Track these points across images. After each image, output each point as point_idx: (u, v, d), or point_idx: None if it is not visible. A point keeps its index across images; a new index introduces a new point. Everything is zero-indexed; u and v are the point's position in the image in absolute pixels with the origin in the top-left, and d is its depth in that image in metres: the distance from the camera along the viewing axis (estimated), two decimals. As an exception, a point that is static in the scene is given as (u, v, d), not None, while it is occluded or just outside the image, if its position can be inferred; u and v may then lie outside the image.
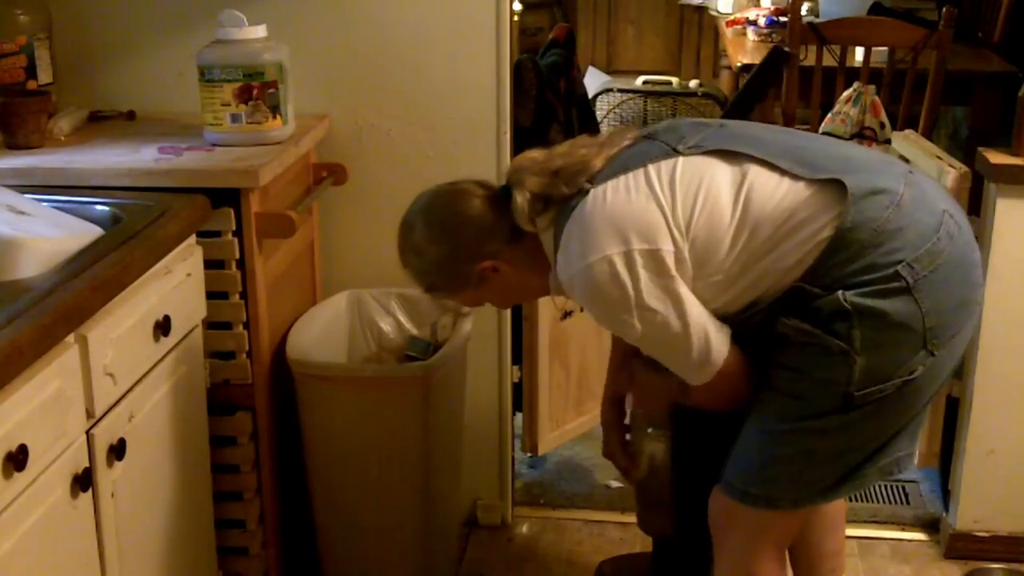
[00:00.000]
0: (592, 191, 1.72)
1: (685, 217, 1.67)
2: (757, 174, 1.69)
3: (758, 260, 1.67)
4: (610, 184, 1.72)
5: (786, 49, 2.30)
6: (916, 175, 1.74)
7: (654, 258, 1.66)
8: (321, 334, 2.36)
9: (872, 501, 2.80)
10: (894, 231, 1.63)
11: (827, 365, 1.65)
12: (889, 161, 1.79)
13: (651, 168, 1.71)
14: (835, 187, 1.65)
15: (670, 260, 1.66)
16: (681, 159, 1.71)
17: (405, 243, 1.89)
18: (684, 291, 1.67)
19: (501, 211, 1.81)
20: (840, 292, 1.63)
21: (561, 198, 1.75)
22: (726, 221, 1.67)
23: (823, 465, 1.71)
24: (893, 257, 1.62)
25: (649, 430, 2.13)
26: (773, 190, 1.67)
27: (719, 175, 1.69)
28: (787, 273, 1.67)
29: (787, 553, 2.12)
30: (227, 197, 2.05)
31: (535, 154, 1.83)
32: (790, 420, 1.70)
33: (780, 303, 1.68)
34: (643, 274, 1.65)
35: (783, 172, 1.68)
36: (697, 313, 1.68)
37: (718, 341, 1.70)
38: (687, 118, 3.77)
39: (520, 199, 1.77)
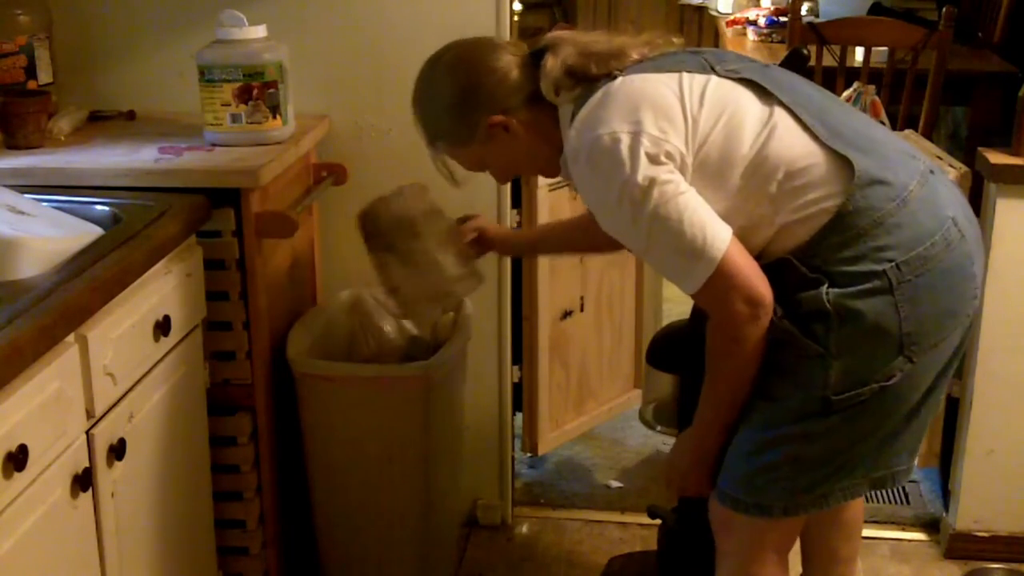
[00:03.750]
0: (620, 77, 1.70)
1: (705, 129, 1.64)
2: (783, 118, 1.66)
3: (757, 204, 1.64)
4: (639, 75, 1.69)
5: (805, 51, 2.29)
6: (936, 176, 1.70)
7: (659, 147, 1.61)
8: (321, 334, 2.36)
9: (872, 501, 2.80)
10: (892, 226, 1.61)
11: (805, 368, 1.64)
12: (911, 155, 1.73)
13: (685, 76, 1.68)
14: (846, 163, 1.62)
15: (676, 157, 1.62)
16: (715, 78, 1.69)
17: (424, 81, 1.83)
18: (680, 178, 1.62)
19: (529, 73, 1.77)
20: (824, 288, 1.60)
21: (589, 77, 1.72)
22: (744, 149, 1.64)
23: (810, 472, 1.70)
24: (884, 255, 1.60)
25: (659, 428, 2.13)
26: (792, 141, 1.64)
27: (747, 104, 1.67)
28: (781, 236, 1.64)
29: (800, 556, 2.12)
30: (227, 197, 2.05)
31: (574, 31, 1.80)
32: (774, 427, 1.68)
33: (767, 273, 1.64)
34: (643, 157, 1.60)
35: (805, 127, 1.65)
36: (693, 200, 1.61)
37: (715, 228, 1.60)
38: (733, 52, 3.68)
39: (552, 63, 1.74)
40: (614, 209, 1.64)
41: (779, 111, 1.66)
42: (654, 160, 1.60)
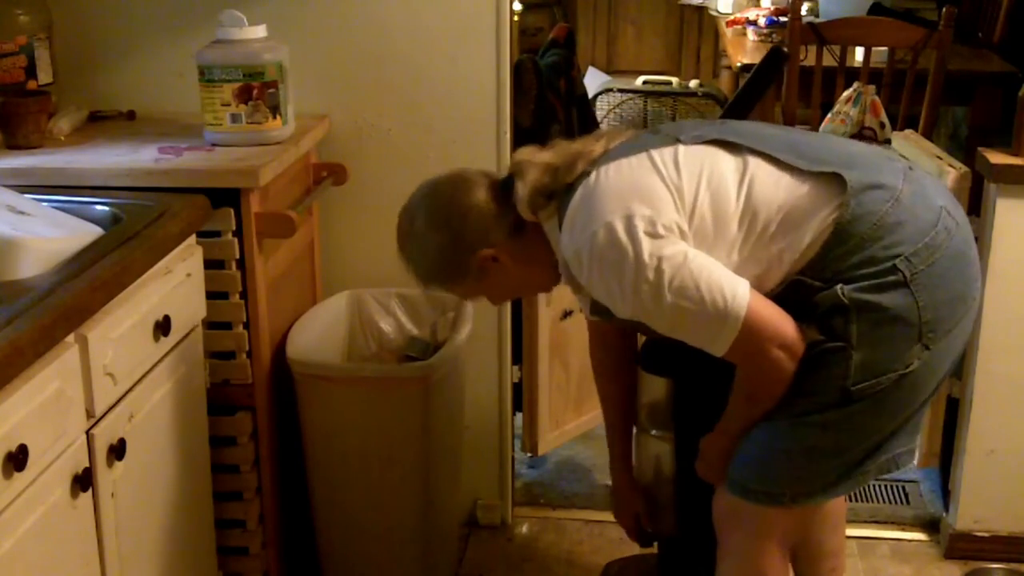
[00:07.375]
0: (594, 171, 1.72)
1: (690, 196, 1.66)
2: (758, 165, 1.69)
3: (763, 248, 1.67)
4: (612, 164, 1.72)
5: (784, 49, 2.29)
6: (915, 171, 1.75)
7: (654, 224, 1.63)
8: (321, 334, 2.36)
9: (872, 501, 2.80)
10: (893, 225, 1.64)
11: (825, 361, 1.66)
12: (888, 157, 1.80)
13: (654, 152, 1.71)
14: (835, 181, 1.66)
15: (673, 228, 1.64)
16: (682, 147, 1.72)
17: (407, 231, 1.86)
18: (684, 246, 1.64)
19: (504, 202, 1.80)
20: (839, 286, 1.63)
21: (562, 188, 1.75)
22: (732, 205, 1.67)
23: (823, 461, 1.72)
24: (892, 251, 1.64)
25: (653, 432, 2.13)
26: (775, 182, 1.68)
27: (722, 162, 1.70)
28: (791, 266, 1.67)
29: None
30: (227, 197, 2.05)
31: (534, 149, 1.83)
32: (790, 416, 1.71)
33: (779, 297, 1.67)
34: (643, 238, 1.62)
35: (783, 165, 1.69)
36: (703, 263, 1.63)
37: (732, 286, 1.62)
38: (689, 119, 3.78)
39: (523, 190, 1.77)
40: (631, 297, 1.66)
41: (752, 159, 1.70)
42: (654, 236, 1.63)
